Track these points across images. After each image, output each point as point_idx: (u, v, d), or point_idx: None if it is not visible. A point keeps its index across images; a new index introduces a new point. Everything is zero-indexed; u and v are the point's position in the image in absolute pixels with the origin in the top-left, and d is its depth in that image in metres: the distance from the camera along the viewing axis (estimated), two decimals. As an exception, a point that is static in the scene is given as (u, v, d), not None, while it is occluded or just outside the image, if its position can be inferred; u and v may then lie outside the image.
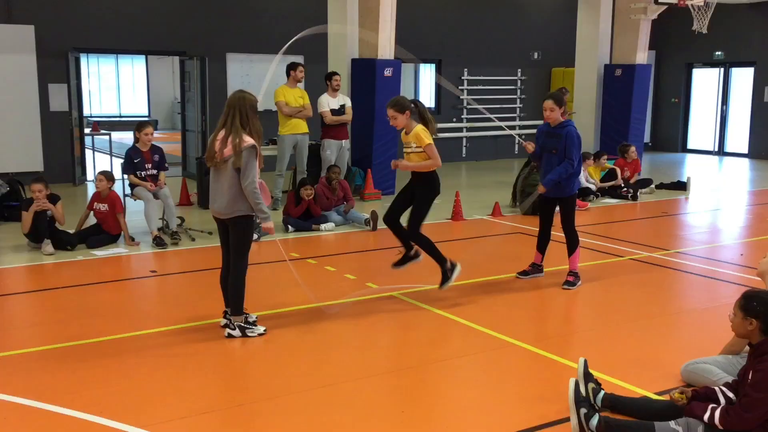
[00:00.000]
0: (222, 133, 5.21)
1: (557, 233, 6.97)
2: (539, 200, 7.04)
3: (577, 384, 4.02)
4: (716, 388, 3.91)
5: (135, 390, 4.49)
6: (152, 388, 4.54)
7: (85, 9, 12.73)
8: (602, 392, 4.12)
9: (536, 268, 7.07)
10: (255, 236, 7.92)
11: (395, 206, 6.33)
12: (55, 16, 12.43)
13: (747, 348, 4.36)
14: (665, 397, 4.22)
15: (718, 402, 3.81)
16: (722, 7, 14.80)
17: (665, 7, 13.67)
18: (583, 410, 3.88)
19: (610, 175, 12.04)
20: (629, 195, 11.65)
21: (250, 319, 5.49)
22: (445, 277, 6.28)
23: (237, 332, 5.35)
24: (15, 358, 5.00)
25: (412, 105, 6.12)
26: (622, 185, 11.87)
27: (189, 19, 13.64)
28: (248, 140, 5.15)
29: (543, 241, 7.00)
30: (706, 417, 3.70)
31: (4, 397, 4.35)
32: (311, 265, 7.57)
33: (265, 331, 5.43)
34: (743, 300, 3.85)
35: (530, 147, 6.92)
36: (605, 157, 12.21)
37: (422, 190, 6.20)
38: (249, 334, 5.36)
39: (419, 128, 6.08)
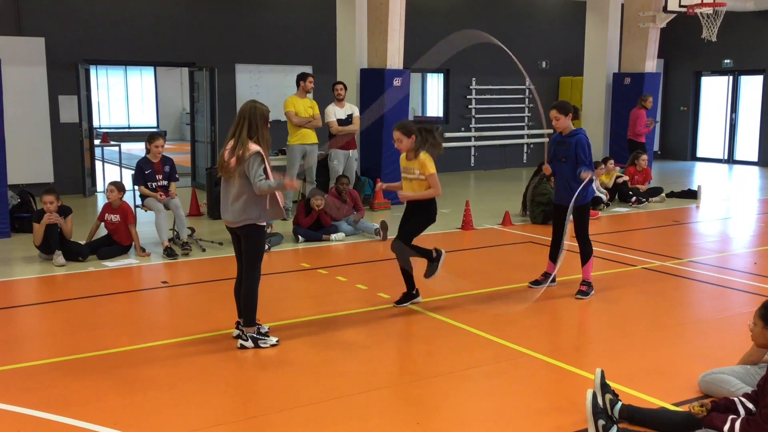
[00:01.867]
0: (231, 143, 5.22)
1: (570, 242, 6.93)
2: (552, 209, 7.01)
3: (594, 395, 3.98)
4: (736, 399, 3.87)
5: (147, 402, 4.47)
6: (164, 399, 4.52)
7: (94, 21, 12.80)
8: (620, 403, 4.08)
9: (549, 278, 7.03)
10: (266, 246, 7.91)
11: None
12: (65, 28, 12.50)
13: (766, 358, 4.33)
14: (684, 408, 4.17)
15: (737, 413, 3.77)
16: (731, 15, 14.77)
17: (674, 15, 13.66)
18: (601, 422, 3.84)
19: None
20: (635, 201, 11.65)
21: (263, 330, 5.46)
22: (432, 267, 6.28)
23: (249, 343, 5.33)
24: (27, 370, 4.99)
25: (419, 131, 6.06)
26: (631, 193, 11.85)
27: (198, 31, 13.70)
28: (253, 147, 5.13)
29: (556, 250, 6.95)
30: (726, 428, 3.65)
31: (17, 409, 4.33)
32: (322, 275, 7.55)
33: (277, 341, 5.40)
34: (764, 309, 3.81)
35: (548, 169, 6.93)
36: (612, 162, 12.22)
37: (421, 212, 6.18)
38: (262, 345, 5.33)
39: (425, 155, 6.06)
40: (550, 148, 6.88)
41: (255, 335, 5.36)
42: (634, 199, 11.74)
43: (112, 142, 14.43)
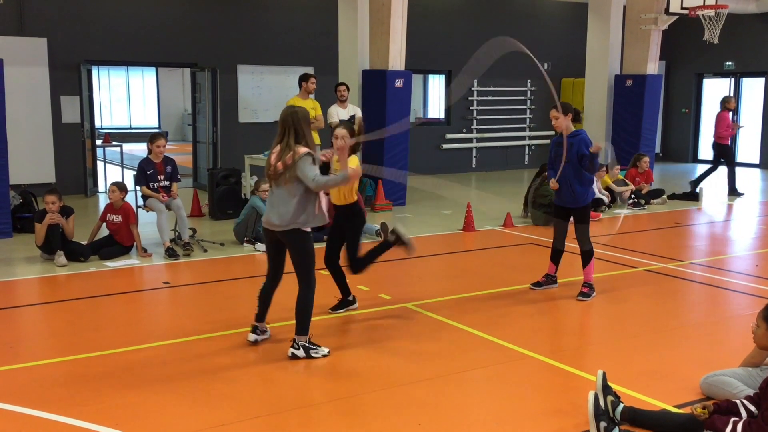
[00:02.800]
0: (278, 148, 5.14)
1: (571, 244, 6.94)
2: (553, 210, 7.01)
3: (596, 397, 3.98)
4: (737, 401, 3.87)
5: (149, 402, 4.47)
6: (166, 399, 4.52)
7: (97, 22, 12.81)
8: (621, 405, 4.07)
9: (550, 279, 7.03)
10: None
11: (331, 249, 6.23)
12: (68, 28, 12.51)
13: (768, 360, 4.32)
14: (686, 410, 4.17)
15: (739, 415, 3.77)
16: (733, 17, 14.77)
17: (676, 17, 13.65)
18: (602, 423, 3.84)
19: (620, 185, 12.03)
20: (631, 203, 11.65)
21: (265, 333, 5.44)
22: (405, 244, 6.28)
23: (301, 352, 5.12)
24: (29, 370, 4.99)
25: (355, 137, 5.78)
26: (633, 195, 11.85)
27: (200, 32, 13.71)
28: (301, 150, 5.04)
29: (557, 251, 6.96)
30: (728, 430, 3.66)
31: (19, 409, 4.33)
32: (323, 276, 7.52)
33: (329, 352, 5.22)
34: (767, 311, 3.81)
35: (555, 185, 6.76)
36: (618, 167, 12.21)
37: (351, 221, 6.10)
38: (313, 355, 5.13)
39: (349, 159, 5.69)
40: (551, 149, 6.88)
41: (307, 344, 5.18)
42: (630, 201, 11.73)
43: (113, 143, 14.48)
